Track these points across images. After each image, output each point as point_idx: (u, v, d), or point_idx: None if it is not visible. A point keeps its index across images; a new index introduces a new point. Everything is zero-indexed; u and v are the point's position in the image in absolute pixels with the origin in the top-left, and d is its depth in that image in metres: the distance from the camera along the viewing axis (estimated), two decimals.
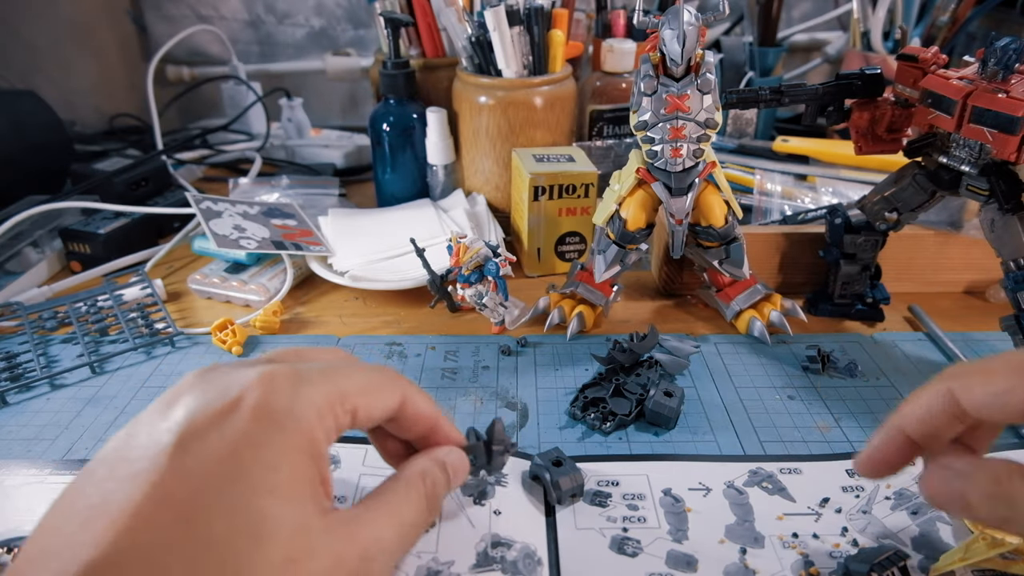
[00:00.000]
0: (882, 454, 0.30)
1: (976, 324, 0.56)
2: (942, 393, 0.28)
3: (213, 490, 0.22)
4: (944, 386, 0.28)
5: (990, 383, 0.26)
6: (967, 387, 0.27)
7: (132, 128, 1.01)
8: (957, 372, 0.28)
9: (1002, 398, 0.26)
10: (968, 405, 0.27)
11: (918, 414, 0.28)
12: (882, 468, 0.30)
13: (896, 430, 0.29)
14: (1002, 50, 0.41)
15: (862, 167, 0.72)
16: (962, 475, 0.27)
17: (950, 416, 0.28)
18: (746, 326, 0.54)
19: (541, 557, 0.34)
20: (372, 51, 0.96)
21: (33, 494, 0.39)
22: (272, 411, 0.25)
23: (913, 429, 0.29)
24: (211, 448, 0.23)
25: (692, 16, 0.43)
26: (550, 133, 0.67)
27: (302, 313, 0.59)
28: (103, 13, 1.01)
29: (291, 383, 0.26)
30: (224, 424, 0.24)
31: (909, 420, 0.29)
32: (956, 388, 0.27)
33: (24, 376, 0.50)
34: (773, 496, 0.39)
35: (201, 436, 0.23)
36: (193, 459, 0.23)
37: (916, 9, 0.81)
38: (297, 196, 0.76)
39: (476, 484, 0.38)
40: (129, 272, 0.64)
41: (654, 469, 0.41)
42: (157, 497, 0.22)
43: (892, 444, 0.29)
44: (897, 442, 0.29)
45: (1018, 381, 0.26)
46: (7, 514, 0.38)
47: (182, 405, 0.25)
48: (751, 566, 0.34)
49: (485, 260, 0.52)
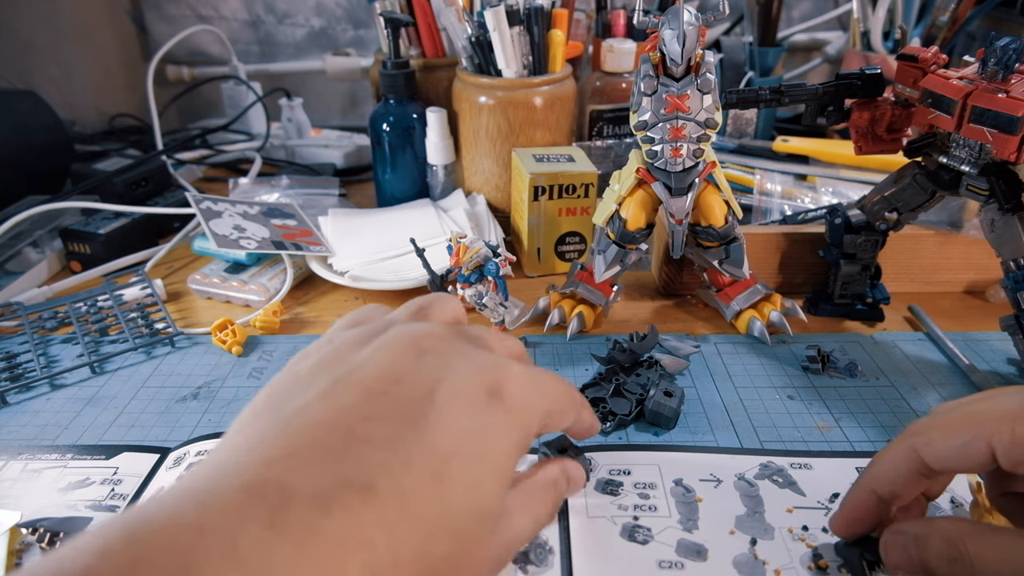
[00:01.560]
0: (854, 515, 0.32)
1: (976, 324, 0.56)
2: (906, 452, 0.29)
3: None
4: (907, 444, 0.29)
5: (950, 438, 0.28)
6: (928, 443, 0.28)
7: (132, 128, 1.01)
8: (918, 429, 0.29)
9: (962, 451, 0.27)
10: (931, 461, 0.28)
11: (887, 476, 0.30)
12: (856, 527, 0.32)
13: (867, 491, 0.31)
14: (1002, 50, 0.41)
15: (862, 167, 0.72)
16: (918, 541, 0.28)
17: (916, 474, 0.29)
18: (746, 326, 0.54)
19: (552, 546, 0.35)
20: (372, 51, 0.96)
21: (56, 478, 0.40)
22: (518, 403, 0.26)
23: (883, 489, 0.30)
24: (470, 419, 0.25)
25: (692, 16, 0.43)
26: (550, 133, 0.67)
27: (302, 313, 0.59)
28: (103, 13, 1.01)
29: (532, 385, 0.28)
30: (487, 403, 0.25)
31: (879, 481, 0.30)
32: (918, 445, 0.29)
33: (24, 376, 0.50)
34: (783, 489, 0.39)
35: (463, 403, 0.25)
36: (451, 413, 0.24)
37: (916, 9, 0.81)
38: (297, 196, 0.76)
39: None
40: (129, 272, 0.64)
41: (665, 459, 0.41)
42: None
43: (864, 505, 0.31)
44: (869, 503, 0.31)
45: (976, 433, 0.27)
46: (32, 496, 0.39)
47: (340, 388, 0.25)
48: (760, 557, 0.34)
49: (485, 260, 0.52)
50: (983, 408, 0.28)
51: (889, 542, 0.29)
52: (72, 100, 0.96)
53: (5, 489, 0.39)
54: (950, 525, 0.27)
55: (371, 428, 0.23)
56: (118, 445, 0.43)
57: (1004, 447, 0.26)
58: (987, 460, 0.27)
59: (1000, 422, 0.26)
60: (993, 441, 0.26)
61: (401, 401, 0.24)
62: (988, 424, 0.27)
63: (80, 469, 0.41)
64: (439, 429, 0.23)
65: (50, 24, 0.93)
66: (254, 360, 0.52)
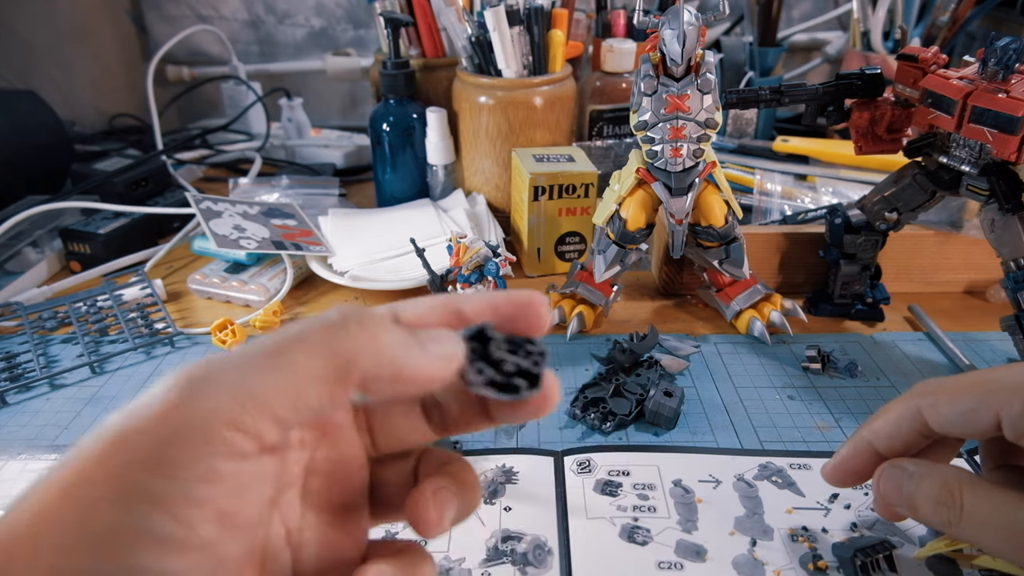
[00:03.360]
0: (849, 465, 0.31)
1: (976, 324, 0.56)
2: (910, 411, 0.29)
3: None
4: (913, 403, 0.29)
5: (957, 402, 0.27)
6: (933, 405, 0.28)
7: (132, 128, 1.01)
8: (925, 390, 0.29)
9: (967, 417, 0.27)
10: (934, 423, 0.28)
11: (887, 430, 0.30)
12: (848, 478, 0.32)
13: (865, 443, 0.30)
14: (1002, 50, 0.41)
15: (862, 167, 0.72)
16: (913, 477, 0.28)
17: (916, 434, 0.29)
18: (746, 326, 0.54)
19: (552, 547, 0.35)
20: (372, 51, 0.95)
21: None
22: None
23: (881, 444, 0.30)
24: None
25: (692, 16, 0.43)
26: (550, 133, 0.67)
27: (302, 313, 0.59)
28: (103, 13, 1.01)
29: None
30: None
31: (879, 435, 0.30)
32: (923, 407, 0.28)
33: (24, 376, 0.50)
34: (783, 490, 0.39)
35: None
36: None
37: (916, 9, 0.81)
38: (297, 196, 0.76)
39: (487, 484, 0.39)
40: (129, 272, 0.64)
41: (664, 460, 0.41)
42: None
43: (860, 457, 0.31)
44: (866, 455, 0.31)
45: (984, 400, 0.27)
46: None
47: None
48: (760, 558, 0.35)
49: (485, 260, 0.52)
50: (995, 377, 0.28)
51: (885, 474, 0.29)
52: (72, 100, 0.96)
53: (4, 490, 0.39)
54: (951, 472, 0.27)
55: None
56: None
57: (1012, 418, 0.26)
58: (991, 428, 0.27)
59: (1012, 392, 0.26)
60: (1002, 411, 0.26)
61: None
62: (999, 393, 0.27)
63: None
64: None
65: (50, 24, 0.93)
66: None
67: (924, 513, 0.28)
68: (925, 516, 0.28)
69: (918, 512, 0.28)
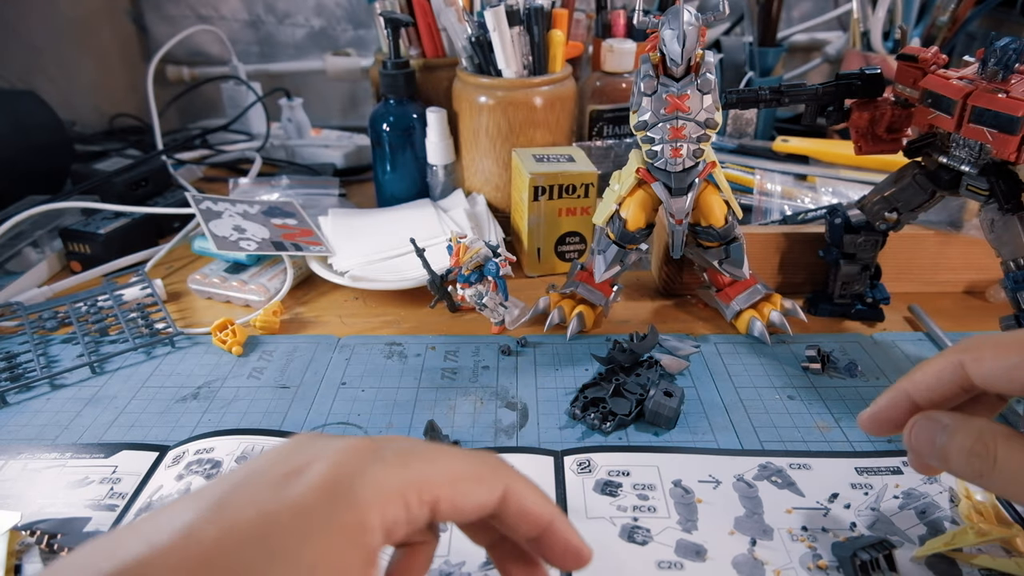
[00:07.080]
0: (887, 414, 0.31)
1: (976, 324, 0.56)
2: (953, 364, 0.28)
3: (237, 551, 0.20)
4: (956, 358, 0.28)
5: (1001, 357, 0.27)
6: (978, 360, 0.28)
7: (132, 128, 1.01)
8: (969, 345, 0.29)
9: (1011, 372, 0.27)
10: (977, 377, 0.28)
11: (928, 382, 0.29)
12: (885, 427, 0.31)
13: (903, 394, 0.30)
14: (1002, 50, 0.41)
15: (862, 167, 0.72)
16: (947, 429, 0.28)
17: (957, 387, 0.28)
18: (746, 326, 0.54)
19: None
20: (372, 51, 0.96)
21: (55, 477, 0.40)
22: (333, 485, 0.22)
23: (920, 396, 0.30)
24: (250, 510, 0.21)
25: (692, 16, 0.43)
26: (550, 133, 0.67)
27: (302, 313, 0.59)
28: (103, 13, 1.01)
29: (363, 460, 0.23)
30: (279, 489, 0.21)
31: (918, 387, 0.30)
32: (967, 361, 0.28)
33: (24, 376, 0.50)
34: (782, 490, 0.39)
35: (250, 495, 0.21)
36: (230, 516, 0.21)
37: (916, 9, 0.81)
38: (297, 196, 0.76)
39: None
40: (129, 272, 0.64)
41: (664, 460, 0.41)
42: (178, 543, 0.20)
43: (898, 407, 0.30)
44: (903, 406, 0.30)
45: None
46: (31, 498, 0.39)
47: (249, 464, 0.23)
48: (760, 558, 0.35)
49: (485, 260, 0.52)
50: None
51: (919, 425, 0.29)
52: (72, 100, 0.96)
53: (5, 489, 0.40)
54: (986, 424, 0.27)
55: None
56: (117, 444, 0.43)
57: None
58: None
59: None
60: None
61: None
62: None
63: (79, 468, 0.41)
64: None
65: (50, 24, 0.93)
66: (254, 360, 0.52)
67: (955, 464, 0.27)
68: (956, 467, 0.27)
69: (949, 463, 0.28)
